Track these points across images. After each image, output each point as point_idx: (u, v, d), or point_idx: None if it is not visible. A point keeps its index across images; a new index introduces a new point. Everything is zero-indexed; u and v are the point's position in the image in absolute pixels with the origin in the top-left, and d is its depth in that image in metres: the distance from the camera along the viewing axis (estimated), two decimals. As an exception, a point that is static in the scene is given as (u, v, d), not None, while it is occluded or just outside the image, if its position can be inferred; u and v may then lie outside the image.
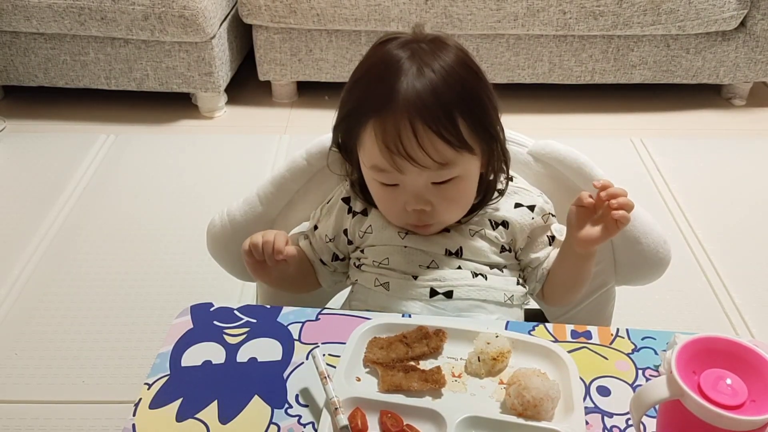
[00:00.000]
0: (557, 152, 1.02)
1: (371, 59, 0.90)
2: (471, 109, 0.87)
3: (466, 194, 0.92)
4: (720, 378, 0.64)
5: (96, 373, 1.54)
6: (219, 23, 2.41)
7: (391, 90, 0.84)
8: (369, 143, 0.87)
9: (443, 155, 0.85)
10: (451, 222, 0.95)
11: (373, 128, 0.86)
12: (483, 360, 0.79)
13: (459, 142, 0.85)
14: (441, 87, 0.84)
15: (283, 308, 0.89)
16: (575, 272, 0.96)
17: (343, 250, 1.02)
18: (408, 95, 0.83)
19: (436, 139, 0.84)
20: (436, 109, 0.83)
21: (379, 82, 0.86)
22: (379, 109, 0.85)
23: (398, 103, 0.83)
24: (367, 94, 0.88)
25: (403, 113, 0.83)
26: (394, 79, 0.84)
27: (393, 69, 0.85)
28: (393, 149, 0.84)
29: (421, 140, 0.83)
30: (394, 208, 0.92)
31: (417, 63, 0.85)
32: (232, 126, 2.54)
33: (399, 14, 2.35)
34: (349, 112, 0.91)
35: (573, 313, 1.10)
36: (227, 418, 0.75)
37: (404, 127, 0.83)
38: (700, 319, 1.70)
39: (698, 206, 2.08)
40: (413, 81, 0.84)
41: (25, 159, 2.33)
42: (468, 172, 0.89)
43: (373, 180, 0.92)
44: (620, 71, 2.53)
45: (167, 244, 1.92)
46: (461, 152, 0.86)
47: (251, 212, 1.05)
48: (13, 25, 2.34)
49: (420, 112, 0.83)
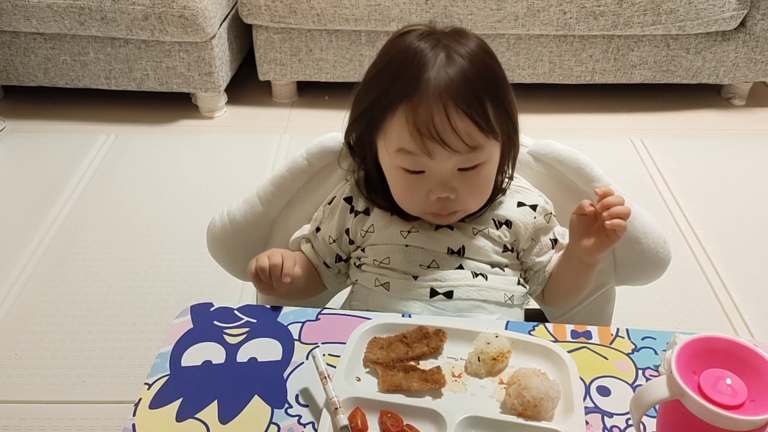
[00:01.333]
0: (557, 152, 1.02)
1: (393, 50, 0.90)
2: (497, 95, 0.88)
3: (489, 182, 0.92)
4: (720, 378, 0.64)
5: (96, 373, 1.54)
6: (219, 23, 2.41)
7: (421, 75, 0.85)
8: (398, 128, 0.87)
9: (474, 139, 0.86)
10: (473, 210, 0.94)
11: (404, 112, 0.86)
12: (483, 360, 0.79)
13: (488, 126, 0.86)
14: (470, 72, 0.86)
15: (283, 308, 0.89)
16: (577, 279, 0.96)
17: (345, 251, 1.02)
18: (440, 80, 0.84)
19: (469, 122, 0.85)
20: (467, 93, 0.85)
21: (406, 70, 0.86)
22: (410, 95, 0.85)
23: (430, 87, 0.84)
24: (394, 81, 0.87)
25: (435, 97, 0.84)
26: (423, 66, 0.85)
27: (420, 56, 0.86)
28: (425, 132, 0.85)
29: (454, 123, 0.84)
30: (416, 197, 0.91)
31: (445, 50, 0.86)
32: (232, 126, 2.54)
33: (399, 14, 2.35)
34: (374, 101, 0.90)
35: (573, 313, 1.10)
36: (227, 418, 0.75)
37: (438, 110, 0.84)
38: (700, 319, 1.70)
39: (698, 206, 2.08)
40: (444, 66, 0.85)
41: (25, 159, 2.33)
42: (493, 158, 0.90)
43: (396, 168, 0.90)
44: (620, 71, 2.53)
45: (167, 243, 1.92)
46: (489, 137, 0.87)
47: (251, 212, 1.05)
48: (13, 25, 2.34)
49: (453, 96, 0.84)
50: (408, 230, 0.96)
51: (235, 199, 1.08)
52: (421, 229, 0.96)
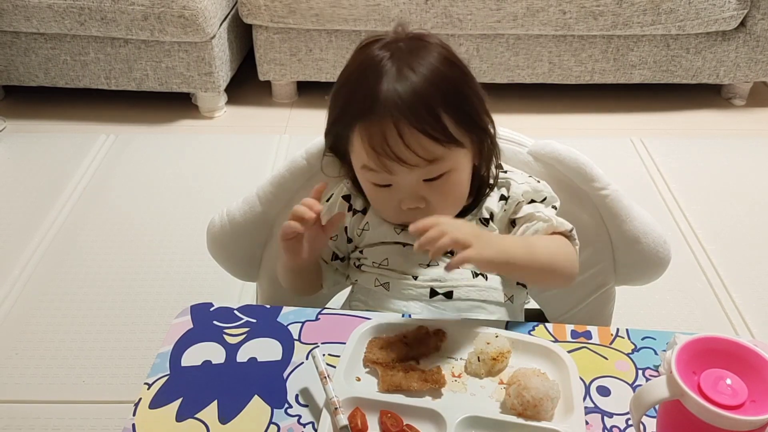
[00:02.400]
0: (557, 152, 1.01)
1: (353, 63, 0.91)
2: (455, 104, 0.87)
3: (459, 188, 0.92)
4: (720, 378, 0.64)
5: (96, 373, 1.54)
6: (219, 23, 2.41)
7: (372, 93, 0.85)
8: (358, 147, 0.88)
9: (431, 152, 0.86)
10: (448, 216, 0.94)
11: (359, 133, 0.87)
12: (483, 360, 0.79)
13: (446, 138, 0.86)
14: (421, 85, 0.85)
15: (283, 308, 0.89)
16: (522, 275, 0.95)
17: (343, 249, 1.02)
18: (389, 97, 0.84)
19: (422, 137, 0.84)
20: (418, 107, 0.84)
21: (360, 87, 0.87)
22: (363, 114, 0.86)
23: (380, 105, 0.84)
24: (350, 99, 0.89)
25: (386, 115, 0.84)
26: (375, 82, 0.85)
27: (373, 72, 0.86)
28: (380, 151, 0.85)
29: (406, 140, 0.84)
30: (389, 208, 0.93)
31: (396, 63, 0.86)
32: (232, 126, 2.54)
33: (399, 14, 2.35)
34: (336, 118, 0.92)
35: (573, 313, 1.10)
36: (227, 418, 0.75)
37: (389, 129, 0.84)
38: (700, 319, 1.70)
39: (698, 206, 2.08)
40: (393, 82, 0.85)
41: (25, 159, 2.33)
42: (459, 165, 0.90)
43: (366, 181, 0.92)
44: (620, 71, 2.53)
45: (167, 243, 1.92)
46: (449, 147, 0.87)
47: (251, 212, 1.05)
48: (13, 25, 2.34)
49: (403, 113, 0.84)
50: (401, 227, 0.96)
51: (235, 199, 1.08)
52: None
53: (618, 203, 1.01)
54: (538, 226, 0.93)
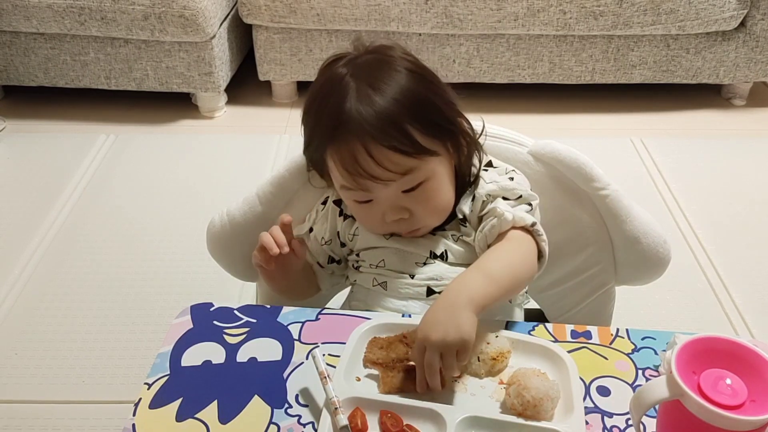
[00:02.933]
0: (557, 152, 1.01)
1: (317, 84, 0.92)
2: (421, 115, 0.87)
3: (441, 193, 0.92)
4: (720, 378, 0.64)
5: (96, 373, 1.54)
6: (219, 23, 2.41)
7: (336, 116, 0.85)
8: (332, 168, 0.89)
9: (402, 165, 0.86)
10: (435, 224, 0.95)
11: (331, 155, 0.88)
12: (483, 360, 0.79)
13: (415, 150, 0.86)
14: (384, 103, 0.85)
15: (283, 308, 0.89)
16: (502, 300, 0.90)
17: (338, 253, 1.02)
18: (353, 118, 0.84)
19: (392, 153, 0.85)
20: (383, 125, 0.84)
21: (325, 108, 0.88)
22: (330, 137, 0.87)
23: (345, 128, 0.85)
24: (317, 122, 0.90)
25: (353, 137, 0.84)
26: (338, 104, 0.86)
27: (336, 92, 0.86)
28: (353, 172, 0.86)
29: (377, 158, 0.84)
30: (374, 222, 0.93)
31: (356, 83, 0.86)
32: (232, 126, 2.54)
33: (399, 14, 2.35)
34: (308, 140, 0.93)
35: (573, 313, 1.10)
36: (227, 418, 0.75)
37: (357, 149, 0.85)
38: (700, 319, 1.70)
39: (698, 206, 2.08)
40: (355, 103, 0.85)
41: (25, 159, 2.33)
42: (435, 173, 0.89)
43: (347, 198, 0.94)
44: (620, 71, 2.53)
45: (167, 244, 1.92)
46: (421, 158, 0.87)
47: (251, 212, 1.05)
48: (13, 25, 2.34)
49: (368, 132, 0.84)
50: (390, 233, 0.96)
51: (235, 199, 1.08)
52: None
53: (618, 203, 1.01)
54: (493, 222, 0.89)
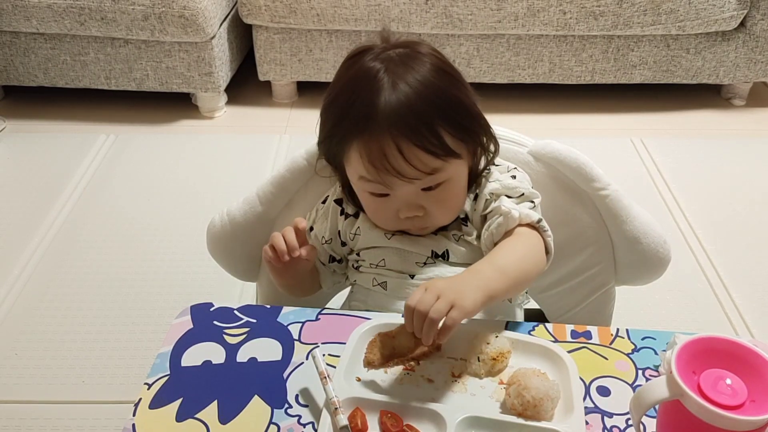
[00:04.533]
0: (557, 152, 1.01)
1: (345, 76, 0.90)
2: (452, 117, 0.86)
3: (457, 194, 0.92)
4: (720, 378, 0.64)
5: (96, 373, 1.54)
6: (219, 23, 2.41)
7: (369, 109, 0.84)
8: (355, 161, 0.88)
9: (429, 166, 0.86)
10: (446, 223, 0.94)
11: (357, 148, 0.86)
12: (483, 360, 0.79)
13: (444, 152, 0.86)
14: (418, 101, 0.84)
15: (283, 308, 0.89)
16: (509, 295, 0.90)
17: (339, 252, 1.02)
18: (386, 113, 0.83)
19: (422, 153, 0.84)
20: (416, 124, 0.84)
21: (355, 101, 0.86)
22: (360, 131, 0.85)
23: (378, 122, 0.84)
24: (345, 113, 0.87)
25: (384, 132, 0.83)
26: (371, 98, 0.84)
27: (368, 86, 0.85)
28: (380, 167, 0.85)
29: (407, 156, 0.84)
30: (386, 217, 0.93)
31: (390, 77, 0.85)
32: (232, 126, 2.54)
33: (399, 14, 2.35)
34: (330, 131, 0.91)
35: (573, 313, 1.10)
36: (227, 418, 0.75)
37: (388, 146, 0.84)
38: (700, 319, 1.70)
39: (698, 206, 2.08)
40: (390, 98, 0.84)
41: (25, 159, 2.33)
42: (456, 174, 0.90)
43: (362, 191, 0.92)
44: (620, 71, 2.53)
45: (167, 243, 1.92)
46: (447, 159, 0.86)
47: (251, 212, 1.05)
48: (13, 25, 2.34)
49: (401, 130, 0.83)
50: (392, 232, 0.96)
51: (235, 199, 1.08)
52: (405, 232, 0.96)
53: (618, 203, 1.01)
54: (499, 221, 0.90)
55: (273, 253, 0.89)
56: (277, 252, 0.88)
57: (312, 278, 1.02)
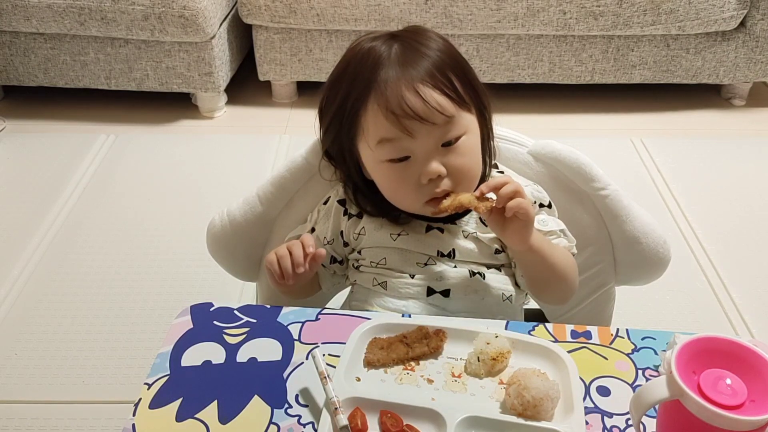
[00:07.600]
0: (557, 152, 1.02)
1: (349, 55, 0.93)
2: (460, 71, 0.90)
3: (474, 154, 0.92)
4: (720, 378, 0.64)
5: (96, 373, 1.54)
6: (219, 23, 2.41)
7: (381, 65, 0.88)
8: (373, 120, 0.88)
9: (447, 109, 0.87)
10: (467, 190, 0.90)
11: (375, 101, 0.87)
12: (483, 360, 0.79)
13: (458, 96, 0.88)
14: (429, 52, 0.89)
15: (283, 308, 0.89)
16: (531, 269, 0.94)
17: (340, 252, 1.02)
18: (400, 63, 0.87)
19: (437, 93, 0.86)
20: (429, 69, 0.87)
21: (365, 65, 0.89)
22: (375, 84, 0.87)
23: (393, 72, 0.87)
24: (355, 79, 0.89)
25: (399, 78, 0.86)
26: (380, 56, 0.88)
27: (376, 53, 0.89)
28: (400, 113, 0.86)
29: (425, 96, 0.86)
30: (408, 187, 0.90)
31: (400, 41, 0.89)
32: (232, 126, 2.54)
33: (399, 14, 2.35)
34: (341, 104, 0.91)
35: (573, 313, 1.10)
36: (227, 418, 0.75)
37: (406, 87, 0.86)
38: (700, 319, 1.70)
39: (698, 206, 2.08)
40: (402, 53, 0.88)
41: (25, 159, 2.33)
42: (471, 128, 0.91)
43: (381, 163, 0.90)
44: (620, 71, 2.53)
45: (167, 243, 1.92)
46: (461, 108, 0.88)
47: (251, 212, 1.05)
48: (13, 25, 2.34)
49: (416, 73, 0.87)
50: (398, 233, 0.96)
51: (235, 199, 1.08)
52: (411, 232, 0.96)
53: (618, 203, 1.01)
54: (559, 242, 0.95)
55: (278, 270, 0.90)
56: (282, 270, 0.89)
57: (311, 281, 1.02)
